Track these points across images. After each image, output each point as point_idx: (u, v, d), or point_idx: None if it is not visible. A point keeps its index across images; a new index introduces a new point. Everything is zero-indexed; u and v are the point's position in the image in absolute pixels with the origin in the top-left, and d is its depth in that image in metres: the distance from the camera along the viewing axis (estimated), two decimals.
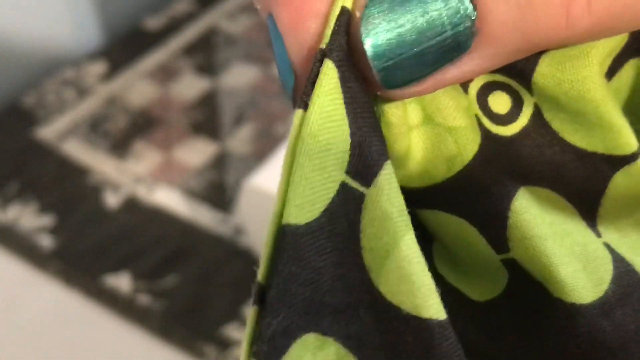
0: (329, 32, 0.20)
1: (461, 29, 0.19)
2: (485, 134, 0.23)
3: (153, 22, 0.82)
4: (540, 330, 0.23)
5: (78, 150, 0.71)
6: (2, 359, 0.60)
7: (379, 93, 0.21)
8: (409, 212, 0.23)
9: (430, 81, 0.20)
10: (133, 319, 0.61)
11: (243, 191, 0.59)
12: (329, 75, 0.20)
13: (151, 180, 0.68)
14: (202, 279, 0.62)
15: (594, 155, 0.23)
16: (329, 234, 0.21)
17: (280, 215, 0.20)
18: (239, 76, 0.76)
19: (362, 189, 0.21)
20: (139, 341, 0.60)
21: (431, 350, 0.21)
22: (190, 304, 0.61)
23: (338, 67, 0.20)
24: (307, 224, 0.21)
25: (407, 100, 0.22)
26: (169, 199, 0.67)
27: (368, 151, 0.21)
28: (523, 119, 0.23)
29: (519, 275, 0.24)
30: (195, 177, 0.68)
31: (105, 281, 0.62)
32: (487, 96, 0.23)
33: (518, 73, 0.23)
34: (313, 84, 0.20)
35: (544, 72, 0.22)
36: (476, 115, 0.23)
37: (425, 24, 0.19)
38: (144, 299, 0.61)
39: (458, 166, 0.23)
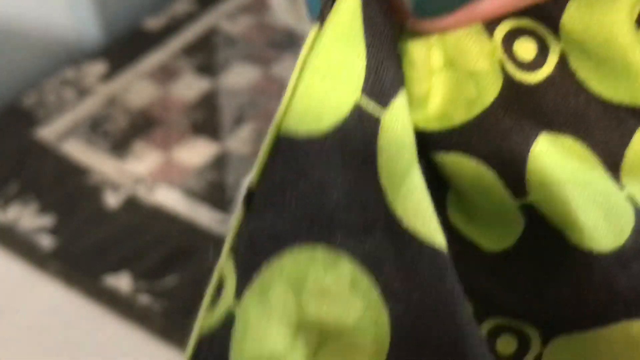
0: None
1: None
2: (508, 79, 0.23)
3: (153, 22, 0.82)
4: (554, 279, 0.23)
5: (78, 151, 0.71)
6: (2, 359, 0.60)
7: (409, 23, 0.21)
8: (424, 157, 0.23)
9: (461, 13, 0.20)
10: (133, 319, 0.61)
11: (243, 191, 0.59)
12: None
13: (151, 180, 0.68)
14: (202, 279, 0.62)
15: (619, 107, 0.23)
16: (341, 151, 0.21)
17: (280, 124, 0.20)
18: (239, 76, 0.76)
19: (377, 110, 0.21)
20: (139, 341, 0.60)
21: (444, 278, 0.21)
22: (190, 304, 0.60)
23: None
24: (311, 136, 0.20)
25: (430, 43, 0.22)
26: (169, 199, 0.67)
27: (384, 75, 0.21)
28: (548, 67, 0.23)
29: (536, 222, 0.23)
30: (195, 177, 0.68)
31: (105, 281, 0.62)
32: (513, 42, 0.23)
33: (546, 17, 0.22)
34: (333, 2, 0.20)
35: (572, 14, 0.22)
36: (500, 61, 0.23)
37: None
38: (144, 299, 0.61)
39: (478, 109, 0.23)
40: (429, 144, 0.23)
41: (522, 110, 0.23)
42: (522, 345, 0.24)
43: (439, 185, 0.24)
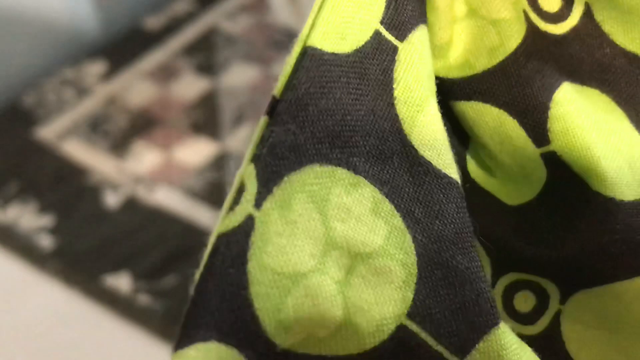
0: None
1: None
2: (532, 28, 0.23)
3: (153, 22, 0.82)
4: (576, 228, 0.23)
5: (78, 150, 0.71)
6: (2, 359, 0.60)
7: None
8: (446, 106, 0.23)
9: None
10: (133, 319, 0.61)
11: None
12: None
13: (151, 180, 0.68)
14: None
15: None
16: (360, 75, 0.21)
17: (305, 39, 0.21)
18: (239, 76, 0.76)
19: (395, 41, 0.21)
20: (139, 341, 0.60)
21: (461, 210, 0.22)
22: None
23: None
24: (335, 54, 0.21)
25: None
26: (169, 199, 0.67)
27: (403, 9, 0.21)
28: (573, 19, 0.23)
29: (558, 170, 0.23)
30: (195, 177, 0.68)
31: (105, 281, 0.62)
32: None
33: None
34: None
35: None
36: (524, 10, 0.23)
37: None
38: (144, 299, 0.61)
39: (500, 56, 0.23)
40: (450, 92, 0.23)
41: (545, 59, 0.23)
42: (541, 302, 0.24)
43: (460, 138, 0.24)
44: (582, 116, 0.23)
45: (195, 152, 0.70)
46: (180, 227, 0.65)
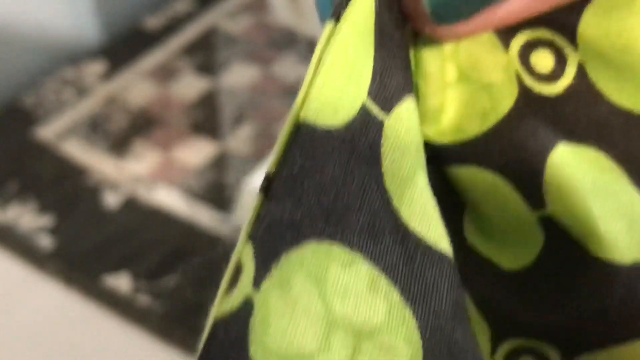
0: None
1: None
2: (525, 90, 0.23)
3: (153, 22, 0.82)
4: (576, 292, 0.23)
5: (78, 150, 0.71)
6: (2, 359, 0.60)
7: (426, 30, 0.21)
8: (440, 176, 0.23)
9: (479, 19, 0.20)
10: (133, 319, 0.61)
11: (243, 191, 0.59)
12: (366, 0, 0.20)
13: (151, 180, 0.68)
14: (202, 279, 0.62)
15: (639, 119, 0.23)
16: (350, 151, 0.21)
17: (298, 113, 0.20)
18: (239, 76, 0.76)
19: (381, 115, 0.21)
20: (139, 341, 0.60)
21: (453, 286, 0.21)
22: (190, 304, 0.60)
23: None
24: (328, 129, 0.20)
25: (444, 55, 0.22)
26: (169, 199, 0.67)
27: (388, 81, 0.21)
28: (567, 78, 0.23)
29: (556, 235, 0.23)
30: (195, 177, 0.68)
31: (105, 281, 0.62)
32: (530, 54, 0.23)
33: (562, 26, 0.22)
34: (348, 2, 0.20)
35: (590, 22, 0.22)
36: (516, 72, 0.23)
37: None
38: (144, 299, 0.61)
39: (492, 120, 0.23)
40: (443, 157, 0.23)
41: (539, 120, 0.23)
42: None
43: (456, 204, 0.24)
44: (578, 178, 0.23)
45: (195, 152, 0.70)
46: (180, 227, 0.65)
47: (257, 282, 0.20)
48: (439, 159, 0.23)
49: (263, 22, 0.79)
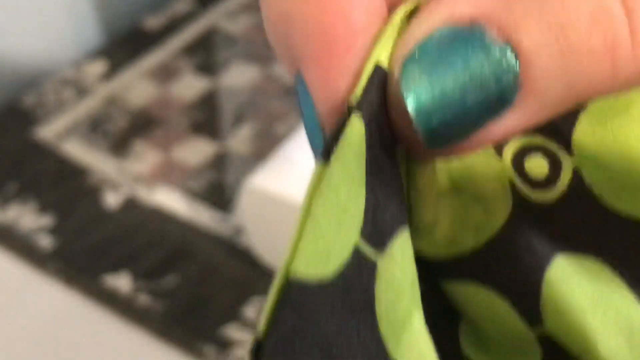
0: (359, 89, 0.19)
1: (504, 82, 0.18)
2: (519, 200, 0.22)
3: (153, 22, 0.82)
4: None
5: (78, 150, 0.71)
6: (1, 359, 0.60)
7: (420, 155, 0.20)
8: (435, 284, 0.22)
9: (474, 140, 0.19)
10: (133, 319, 0.61)
11: (243, 191, 0.59)
12: (355, 132, 0.19)
13: (151, 180, 0.68)
14: (202, 279, 0.62)
15: (638, 225, 0.22)
16: (343, 300, 0.20)
17: (288, 268, 0.20)
18: (239, 76, 0.76)
19: (374, 256, 0.20)
20: (139, 341, 0.60)
21: None
22: (190, 304, 0.60)
23: (366, 124, 0.19)
24: (319, 283, 0.20)
25: (435, 167, 0.21)
26: (169, 199, 0.67)
27: (382, 217, 0.20)
28: (562, 185, 0.22)
29: (553, 352, 0.23)
30: (195, 177, 0.68)
31: (105, 281, 0.62)
32: (523, 160, 0.22)
33: (556, 132, 0.22)
34: (337, 138, 0.19)
35: (584, 129, 0.21)
36: (510, 181, 0.22)
37: (468, 79, 0.18)
38: (144, 299, 0.61)
39: (486, 235, 0.22)
40: (438, 271, 0.22)
41: (535, 232, 0.22)
42: None
43: (452, 316, 0.24)
44: (576, 295, 0.22)
45: (195, 152, 0.70)
46: (180, 227, 0.65)
47: None
48: (434, 272, 0.22)
49: (263, 22, 0.79)
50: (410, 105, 0.19)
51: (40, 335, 0.61)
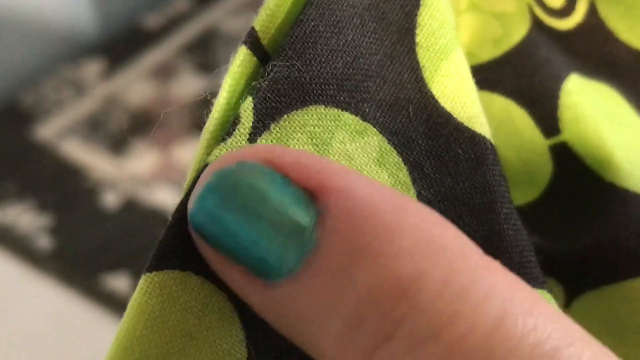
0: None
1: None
2: (537, 22, 0.22)
3: (152, 21, 0.81)
4: (588, 220, 0.22)
5: (77, 150, 0.70)
6: (1, 359, 0.60)
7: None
8: None
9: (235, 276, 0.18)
10: None
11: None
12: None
13: (151, 180, 0.68)
14: None
15: None
16: (377, 18, 0.20)
17: None
18: None
19: None
20: None
21: (482, 167, 0.20)
22: None
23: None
24: None
25: None
26: (169, 198, 0.66)
27: None
28: (578, 15, 0.23)
29: (568, 163, 0.22)
30: None
31: (104, 281, 0.61)
32: None
33: None
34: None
35: None
36: (528, 4, 0.22)
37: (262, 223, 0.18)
38: None
39: (505, 47, 0.23)
40: None
41: (551, 51, 0.22)
42: None
43: None
44: (593, 106, 0.22)
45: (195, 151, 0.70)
46: None
47: (254, 137, 0.19)
48: None
49: None
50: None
51: (39, 335, 0.60)
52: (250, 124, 0.19)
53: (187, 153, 0.70)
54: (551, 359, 0.15)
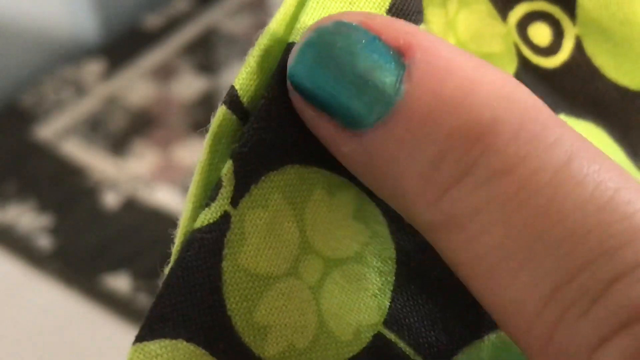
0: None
1: (385, 87, 0.18)
2: (523, 61, 0.23)
3: (152, 21, 0.82)
4: None
5: (77, 150, 0.70)
6: (1, 358, 0.60)
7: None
8: None
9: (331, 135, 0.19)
10: (133, 319, 0.60)
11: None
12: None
13: (151, 180, 0.68)
14: None
15: (636, 95, 0.23)
16: None
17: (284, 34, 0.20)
18: None
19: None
20: None
21: None
22: None
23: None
24: None
25: (444, 27, 0.22)
26: (169, 198, 0.66)
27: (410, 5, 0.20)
28: (564, 53, 0.23)
29: None
30: None
31: (104, 281, 0.62)
32: (527, 27, 0.23)
33: None
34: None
35: None
36: (515, 43, 0.23)
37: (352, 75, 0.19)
38: (143, 299, 0.60)
39: None
40: None
41: (539, 91, 0.23)
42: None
43: None
44: None
45: (195, 151, 0.70)
46: None
47: (236, 199, 0.20)
48: None
49: (263, 22, 0.79)
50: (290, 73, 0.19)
51: (39, 335, 0.61)
52: (232, 187, 0.19)
53: (187, 153, 0.70)
54: (613, 193, 0.17)
